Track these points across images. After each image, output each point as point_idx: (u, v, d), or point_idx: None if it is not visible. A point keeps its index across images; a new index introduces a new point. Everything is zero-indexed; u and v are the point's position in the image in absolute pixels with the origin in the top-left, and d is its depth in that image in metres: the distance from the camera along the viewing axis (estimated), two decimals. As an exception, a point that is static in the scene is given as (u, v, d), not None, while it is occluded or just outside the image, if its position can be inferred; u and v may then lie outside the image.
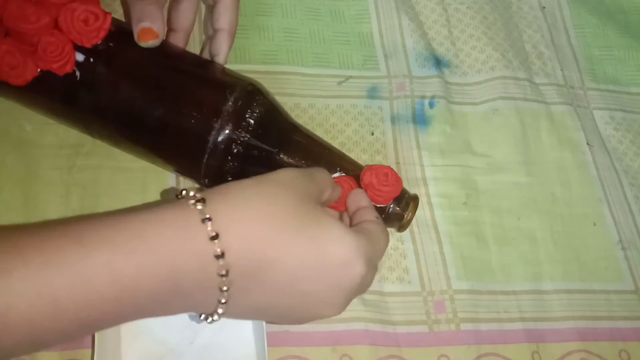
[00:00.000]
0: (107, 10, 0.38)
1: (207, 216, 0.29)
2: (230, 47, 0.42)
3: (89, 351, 0.38)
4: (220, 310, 0.31)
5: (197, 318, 0.40)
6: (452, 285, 0.45)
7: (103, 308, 0.27)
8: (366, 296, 0.43)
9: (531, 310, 0.45)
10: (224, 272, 0.29)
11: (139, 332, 0.39)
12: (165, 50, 0.41)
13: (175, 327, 0.40)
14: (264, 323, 0.38)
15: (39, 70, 0.38)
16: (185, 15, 0.44)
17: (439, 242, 0.47)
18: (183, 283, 0.29)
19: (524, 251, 0.48)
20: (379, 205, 0.41)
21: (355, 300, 0.42)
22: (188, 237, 0.29)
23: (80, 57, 0.38)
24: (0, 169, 0.43)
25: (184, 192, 0.31)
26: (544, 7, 0.60)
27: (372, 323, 0.42)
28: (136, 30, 0.38)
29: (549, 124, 0.54)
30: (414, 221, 0.47)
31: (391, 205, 0.41)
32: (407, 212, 0.42)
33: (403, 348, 0.42)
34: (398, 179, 0.41)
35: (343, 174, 0.41)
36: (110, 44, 0.39)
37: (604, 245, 0.50)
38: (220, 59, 0.42)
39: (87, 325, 0.28)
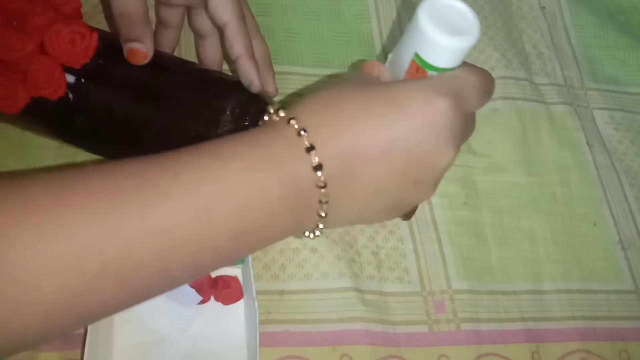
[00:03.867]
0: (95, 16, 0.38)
1: (302, 130, 0.29)
2: (257, 68, 0.39)
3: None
4: (322, 214, 0.31)
5: (189, 307, 0.40)
6: (452, 285, 0.45)
7: (247, 215, 0.28)
8: (366, 296, 0.43)
9: (531, 310, 0.45)
10: (322, 184, 0.29)
11: (131, 319, 0.39)
12: (156, 63, 0.40)
13: (167, 316, 0.40)
14: (257, 315, 0.38)
15: (31, 97, 0.37)
16: (212, 52, 0.45)
17: (439, 242, 0.47)
18: (293, 194, 0.29)
19: (524, 251, 0.48)
20: None
21: (355, 300, 0.42)
22: (290, 152, 0.29)
23: (71, 78, 0.37)
24: (0, 170, 0.43)
25: (271, 111, 0.31)
26: (544, 7, 0.60)
27: (372, 323, 0.42)
28: (125, 50, 0.38)
29: (549, 124, 0.54)
30: (414, 221, 0.47)
31: None
32: None
33: (403, 348, 0.42)
34: None
35: None
36: (100, 62, 0.38)
37: (604, 245, 0.50)
38: (256, 88, 0.39)
39: (236, 240, 0.29)
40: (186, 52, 0.49)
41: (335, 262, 0.44)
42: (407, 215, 0.43)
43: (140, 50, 0.38)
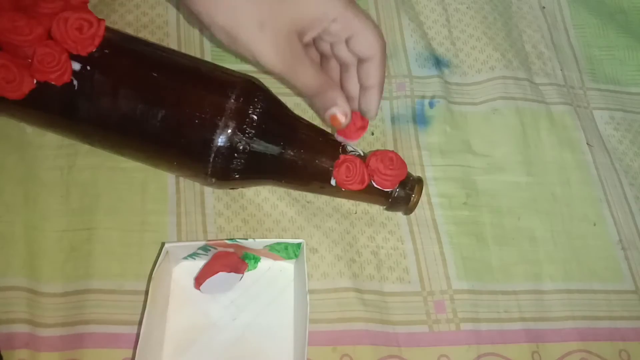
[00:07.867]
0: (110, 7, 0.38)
1: None
2: (380, 101, 0.41)
3: (89, 351, 0.38)
4: None
5: (241, 295, 0.41)
6: (452, 285, 0.45)
7: None
8: (366, 296, 0.43)
9: (531, 310, 0.45)
10: None
11: (186, 301, 0.41)
12: (161, 54, 0.41)
13: (220, 302, 0.41)
14: (308, 309, 0.37)
15: (35, 82, 0.37)
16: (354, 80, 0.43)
17: (439, 242, 0.47)
18: None
19: (524, 251, 0.48)
20: (385, 190, 0.42)
21: (355, 301, 0.42)
22: None
23: (76, 66, 0.38)
24: (1, 170, 0.43)
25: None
26: (544, 7, 0.60)
27: (372, 323, 0.42)
28: (327, 117, 0.39)
29: (549, 124, 0.54)
30: (414, 221, 0.47)
31: (397, 189, 0.42)
32: (413, 194, 0.42)
33: (403, 348, 0.42)
34: (403, 163, 0.42)
35: (353, 152, 0.42)
36: (106, 51, 0.38)
37: (604, 245, 0.50)
38: (371, 114, 0.41)
39: None
40: (186, 49, 0.49)
41: (335, 262, 0.44)
42: (409, 209, 0.43)
43: (341, 114, 0.39)
